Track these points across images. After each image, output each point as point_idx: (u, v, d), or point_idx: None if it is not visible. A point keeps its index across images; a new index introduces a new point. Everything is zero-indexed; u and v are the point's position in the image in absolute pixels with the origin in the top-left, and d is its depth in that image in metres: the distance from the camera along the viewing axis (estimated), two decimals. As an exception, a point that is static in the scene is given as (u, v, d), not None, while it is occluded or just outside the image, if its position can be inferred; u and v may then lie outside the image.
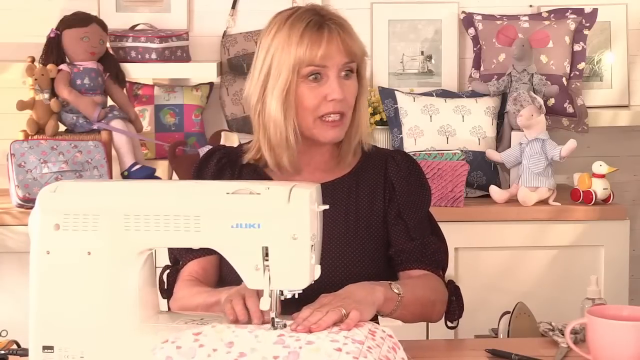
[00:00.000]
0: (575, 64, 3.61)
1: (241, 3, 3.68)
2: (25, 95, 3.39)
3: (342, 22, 2.09)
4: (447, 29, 3.72)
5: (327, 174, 2.16)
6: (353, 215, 2.14)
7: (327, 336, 1.71)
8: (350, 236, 2.12)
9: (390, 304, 1.96)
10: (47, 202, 1.79)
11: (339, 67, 2.06)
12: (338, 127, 2.08)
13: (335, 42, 2.05)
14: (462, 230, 3.25)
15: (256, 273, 1.76)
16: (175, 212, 1.76)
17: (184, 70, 3.57)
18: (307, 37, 2.04)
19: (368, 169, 2.18)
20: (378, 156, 2.21)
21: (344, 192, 2.15)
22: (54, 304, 1.78)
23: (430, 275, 2.13)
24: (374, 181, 2.17)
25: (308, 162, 2.15)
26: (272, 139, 2.09)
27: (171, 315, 1.95)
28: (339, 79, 2.06)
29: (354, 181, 2.16)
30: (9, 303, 3.15)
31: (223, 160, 2.19)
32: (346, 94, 2.07)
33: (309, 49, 2.04)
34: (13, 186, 3.23)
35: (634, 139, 3.82)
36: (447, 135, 3.48)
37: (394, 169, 2.18)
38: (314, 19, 2.06)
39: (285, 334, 1.72)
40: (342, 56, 2.06)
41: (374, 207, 2.15)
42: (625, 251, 3.33)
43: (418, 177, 2.20)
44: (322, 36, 2.05)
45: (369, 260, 2.12)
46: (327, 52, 2.04)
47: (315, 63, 2.04)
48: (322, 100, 2.06)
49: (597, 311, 1.90)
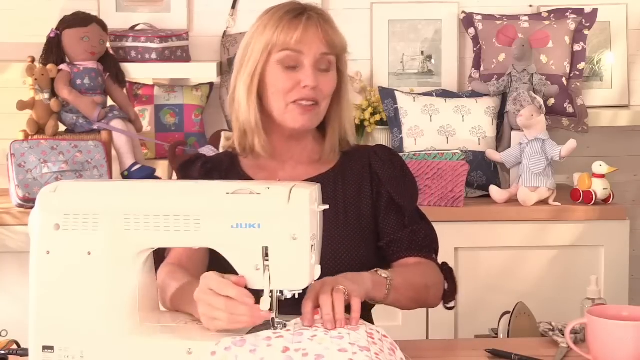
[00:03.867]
0: (575, 64, 3.61)
1: (241, 3, 3.68)
2: (25, 95, 3.39)
3: (323, 14, 2.11)
4: (447, 29, 3.72)
5: (310, 169, 2.17)
6: (342, 207, 2.14)
7: (333, 343, 1.69)
8: (340, 228, 2.12)
9: (381, 288, 1.95)
10: (47, 202, 1.79)
11: (315, 56, 2.07)
12: (309, 113, 2.09)
13: (313, 30, 2.07)
14: (462, 230, 3.25)
15: (256, 273, 1.76)
16: (175, 212, 1.76)
17: (184, 70, 3.57)
18: (284, 21, 2.07)
19: (351, 163, 2.19)
20: (360, 152, 2.22)
21: (330, 185, 2.15)
22: (54, 304, 1.78)
23: (422, 261, 2.13)
24: (359, 174, 2.18)
25: (290, 156, 2.17)
26: (242, 123, 2.13)
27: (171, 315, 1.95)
28: (315, 69, 2.07)
29: (339, 175, 2.18)
30: (9, 303, 3.15)
31: (208, 165, 2.20)
32: (321, 84, 2.08)
33: (283, 32, 2.06)
34: (13, 186, 3.23)
35: (634, 139, 3.82)
36: (447, 135, 3.48)
37: (377, 162, 2.19)
38: (294, 7, 2.10)
39: (291, 347, 1.69)
40: (321, 45, 2.07)
41: (362, 199, 2.16)
42: (625, 251, 3.33)
43: (402, 167, 2.21)
44: (299, 21, 2.07)
45: (361, 251, 2.12)
46: (304, 37, 2.06)
47: (290, 47, 2.06)
48: (296, 85, 2.07)
49: (597, 311, 1.90)
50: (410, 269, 2.09)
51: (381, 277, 1.97)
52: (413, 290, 2.03)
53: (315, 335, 1.72)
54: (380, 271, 1.99)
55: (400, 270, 2.07)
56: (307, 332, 1.73)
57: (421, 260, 2.13)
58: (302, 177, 2.14)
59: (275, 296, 1.77)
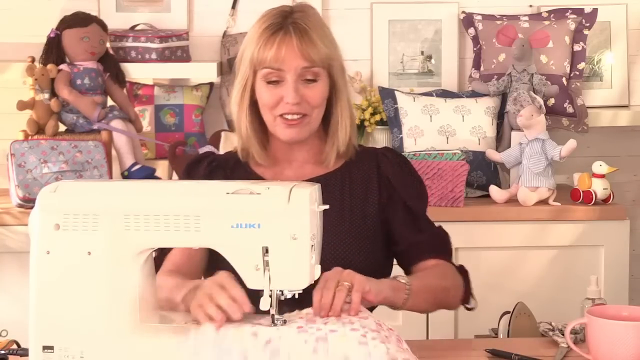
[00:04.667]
0: (575, 64, 3.61)
1: (241, 3, 3.68)
2: (25, 95, 3.39)
3: (304, 27, 2.07)
4: (447, 29, 3.72)
5: (317, 168, 2.17)
6: (347, 207, 2.15)
7: (344, 326, 1.75)
8: (346, 227, 2.13)
9: (400, 294, 1.97)
10: (47, 202, 1.79)
11: (296, 70, 2.06)
12: (297, 126, 2.10)
13: (288, 46, 2.05)
14: (462, 230, 3.25)
15: (256, 273, 1.76)
16: (175, 212, 1.76)
17: (184, 70, 3.57)
18: (263, 38, 2.08)
19: (359, 164, 2.20)
20: (367, 153, 2.23)
21: (336, 185, 2.16)
22: (54, 304, 1.78)
23: (441, 263, 2.15)
24: (366, 175, 2.19)
25: (295, 157, 2.17)
26: (239, 133, 2.16)
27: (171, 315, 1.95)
28: (297, 83, 2.07)
29: (346, 174, 2.18)
30: (9, 303, 3.15)
31: (213, 164, 2.21)
32: (307, 97, 2.08)
33: (260, 50, 2.07)
34: (13, 186, 3.23)
35: (634, 139, 3.82)
36: (447, 135, 3.48)
37: (386, 165, 2.20)
38: (274, 22, 2.08)
39: (304, 325, 1.75)
40: (300, 60, 2.06)
41: (369, 200, 2.16)
42: (625, 251, 3.33)
43: (411, 172, 2.23)
44: (274, 39, 2.06)
45: (366, 250, 2.13)
46: (280, 55, 2.05)
47: (268, 65, 2.07)
48: (280, 100, 2.08)
49: (597, 311, 1.90)
50: (430, 272, 2.11)
51: (400, 282, 1.99)
52: (432, 293, 2.05)
53: (327, 322, 1.76)
54: (399, 277, 2.01)
55: (419, 275, 2.08)
56: (319, 320, 1.78)
57: (439, 262, 2.15)
58: (308, 175, 2.15)
59: (275, 296, 1.78)
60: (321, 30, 2.10)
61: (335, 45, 2.13)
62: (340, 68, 2.14)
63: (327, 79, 2.11)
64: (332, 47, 2.11)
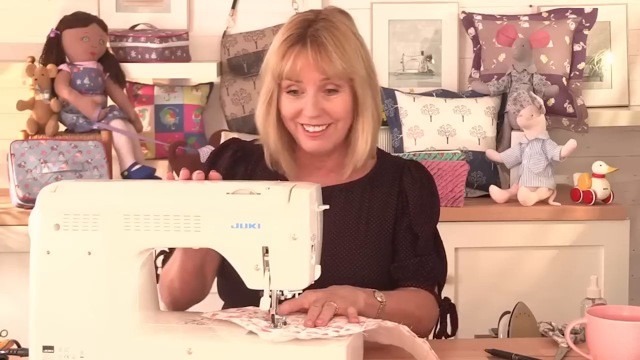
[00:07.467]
0: (575, 64, 3.61)
1: (241, 3, 3.67)
2: (25, 95, 3.39)
3: (322, 40, 2.03)
4: (447, 29, 3.72)
5: (340, 176, 2.16)
6: (365, 218, 2.14)
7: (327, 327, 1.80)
8: (360, 238, 2.12)
9: (372, 311, 1.96)
10: (47, 202, 1.79)
11: (315, 83, 2.04)
12: (319, 138, 2.08)
13: (303, 60, 2.03)
14: (462, 230, 3.25)
15: (256, 273, 1.77)
16: (175, 212, 1.76)
17: (184, 70, 3.57)
18: (282, 49, 2.05)
19: (383, 176, 2.18)
20: (394, 164, 2.21)
21: (357, 194, 2.15)
22: (54, 304, 1.78)
23: (420, 292, 2.13)
24: (389, 188, 2.17)
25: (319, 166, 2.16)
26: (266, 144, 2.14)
27: (171, 315, 1.95)
28: (317, 95, 2.04)
29: (368, 185, 2.17)
30: (9, 303, 3.15)
31: (238, 154, 2.20)
32: (327, 109, 2.06)
33: (279, 63, 2.05)
34: (13, 186, 3.23)
35: (634, 139, 3.82)
36: (447, 135, 3.48)
37: (409, 179, 2.18)
38: (294, 33, 2.05)
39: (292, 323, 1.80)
40: (317, 73, 2.03)
41: (386, 214, 2.15)
42: (625, 251, 3.33)
43: (431, 190, 2.20)
44: (291, 52, 2.04)
45: (376, 264, 2.13)
46: (294, 68, 2.03)
47: (287, 77, 2.04)
48: (299, 112, 2.06)
49: (597, 311, 1.90)
50: (408, 297, 2.10)
51: (376, 300, 1.99)
52: (404, 318, 1.96)
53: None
54: (377, 293, 2.00)
55: (397, 296, 2.07)
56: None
57: (421, 291, 2.14)
58: (330, 183, 2.13)
59: (275, 296, 1.78)
60: (342, 44, 2.04)
61: (358, 58, 2.07)
62: (363, 81, 2.09)
63: (349, 90, 2.07)
64: (354, 61, 2.06)
